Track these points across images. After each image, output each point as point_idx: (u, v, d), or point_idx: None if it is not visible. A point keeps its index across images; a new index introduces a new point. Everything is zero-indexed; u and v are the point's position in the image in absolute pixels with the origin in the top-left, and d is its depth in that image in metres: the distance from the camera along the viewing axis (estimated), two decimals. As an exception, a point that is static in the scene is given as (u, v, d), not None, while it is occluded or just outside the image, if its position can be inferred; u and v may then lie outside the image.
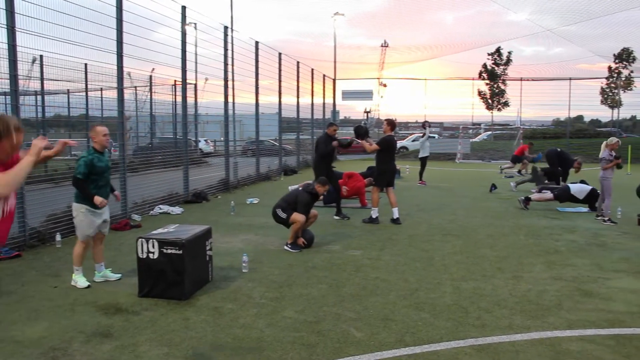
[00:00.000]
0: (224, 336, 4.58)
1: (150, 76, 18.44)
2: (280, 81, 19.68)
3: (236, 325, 4.81)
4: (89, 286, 5.92)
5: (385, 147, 9.96)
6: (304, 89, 23.60)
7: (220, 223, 9.84)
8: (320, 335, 4.61)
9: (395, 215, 10.01)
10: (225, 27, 14.76)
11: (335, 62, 29.25)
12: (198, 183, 13.60)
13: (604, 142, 10.42)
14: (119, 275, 6.27)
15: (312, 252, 7.65)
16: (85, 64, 13.40)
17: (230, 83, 15.01)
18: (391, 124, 10.28)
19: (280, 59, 19.63)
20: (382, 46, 37.19)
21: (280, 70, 19.63)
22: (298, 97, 22.35)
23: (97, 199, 5.85)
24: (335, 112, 30.87)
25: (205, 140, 28.16)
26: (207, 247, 6.08)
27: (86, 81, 14.98)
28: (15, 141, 3.18)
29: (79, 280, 5.98)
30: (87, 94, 16.26)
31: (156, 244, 5.50)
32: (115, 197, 6.44)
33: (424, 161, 17.49)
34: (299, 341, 4.48)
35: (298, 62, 22.31)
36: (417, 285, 6.11)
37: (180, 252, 5.45)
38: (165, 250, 5.48)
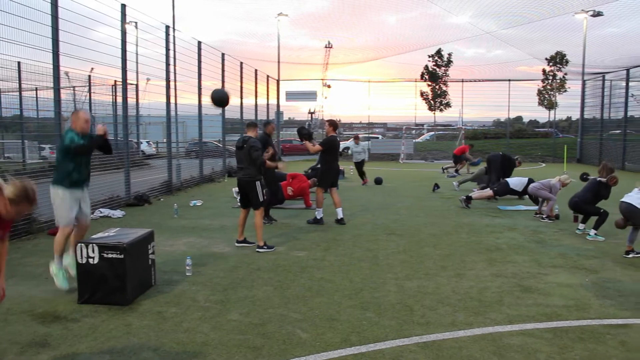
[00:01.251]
0: (168, 341, 4.49)
1: (89, 76, 17.95)
2: (223, 82, 19.47)
3: (180, 330, 4.73)
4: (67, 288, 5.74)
5: (329, 147, 10.00)
6: (248, 89, 23.49)
7: (164, 226, 9.66)
8: (266, 337, 4.58)
9: (340, 215, 10.06)
10: (167, 27, 14.50)
11: (279, 62, 29.20)
12: (140, 186, 13.31)
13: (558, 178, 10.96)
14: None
15: (257, 254, 7.60)
16: (19, 62, 12.91)
17: (172, 84, 14.76)
18: (333, 124, 10.32)
19: (223, 60, 19.45)
20: (326, 47, 37.36)
21: (223, 70, 19.45)
22: (242, 98, 22.22)
23: (100, 128, 6.09)
24: (279, 113, 30.81)
25: (147, 141, 27.62)
26: (150, 251, 5.95)
27: (20, 80, 14.45)
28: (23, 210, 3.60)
29: (59, 277, 5.81)
30: (20, 93, 15.67)
31: (96, 248, 5.33)
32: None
33: (360, 164, 17.70)
34: (245, 344, 4.44)
35: (241, 63, 22.16)
36: (362, 284, 6.16)
37: (122, 256, 5.31)
38: (105, 255, 5.32)
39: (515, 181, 12.73)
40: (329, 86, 41.86)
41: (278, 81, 29.76)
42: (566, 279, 6.53)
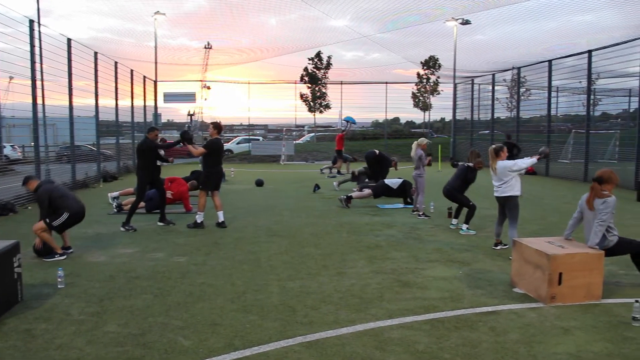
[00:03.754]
0: None
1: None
2: (96, 82, 18.63)
3: (52, 347, 4.45)
4: None
5: (212, 150, 9.86)
6: (124, 91, 22.61)
7: (32, 236, 9.03)
8: (146, 347, 4.43)
9: (221, 218, 9.96)
10: (31, 21, 13.55)
11: (156, 63, 28.30)
12: (4, 194, 12.38)
13: (415, 142, 11.39)
14: None
15: (135, 261, 7.34)
16: None
17: (39, 83, 13.84)
18: (217, 127, 10.17)
19: (96, 59, 18.60)
20: (205, 48, 36.72)
21: (96, 70, 18.59)
22: (117, 99, 21.34)
23: None
24: (156, 115, 29.90)
25: (11, 145, 25.71)
26: (15, 264, 5.54)
27: None
28: None
29: None
30: None
31: (-47, 263, 4.91)
32: None
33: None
34: (123, 356, 4.26)
35: (116, 63, 21.31)
36: (245, 287, 6.14)
37: (-17, 271, 4.92)
38: (-36, 270, 4.91)
39: (392, 181, 13.27)
40: (208, 87, 41.21)
41: (155, 82, 28.88)
42: (442, 272, 6.89)
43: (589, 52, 19.49)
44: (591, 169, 19.42)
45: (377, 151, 15.59)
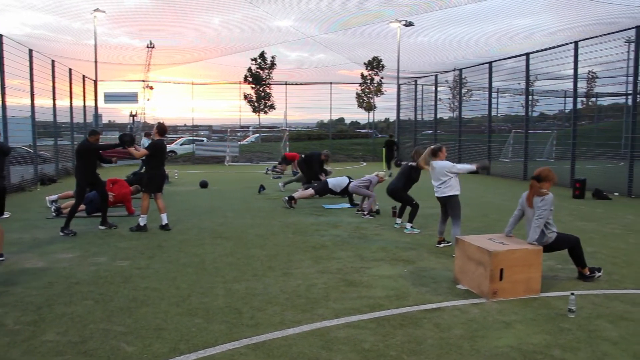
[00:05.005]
0: (-29, 371, 4.03)
1: None
2: (32, 81, 17.96)
3: (-15, 357, 4.27)
4: None
5: (155, 152, 9.67)
6: (62, 90, 21.92)
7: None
8: (87, 355, 4.29)
9: (165, 221, 9.78)
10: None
11: (96, 62, 27.58)
12: None
13: (376, 173, 11.64)
14: None
15: (76, 266, 7.11)
16: None
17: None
18: (161, 128, 9.98)
19: (31, 56, 17.93)
20: (147, 47, 35.98)
21: (31, 69, 17.92)
22: (54, 99, 20.65)
23: None
24: (97, 116, 29.12)
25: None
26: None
27: None
28: None
29: None
30: None
31: None
32: None
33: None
34: (63, 365, 4.12)
35: (53, 61, 20.64)
36: (190, 290, 6.04)
37: None
38: None
39: (335, 181, 13.36)
40: (151, 88, 40.45)
41: (95, 82, 28.14)
42: (387, 270, 6.97)
43: (527, 54, 20.13)
44: (530, 167, 20.06)
45: (302, 155, 16.12)
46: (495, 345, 4.51)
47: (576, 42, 17.45)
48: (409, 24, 29.46)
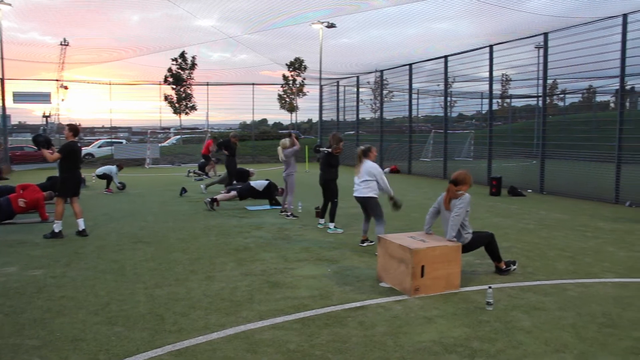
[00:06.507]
0: None
1: None
2: None
3: None
4: None
5: (68, 154, 9.26)
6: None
7: None
8: (-4, 371, 4.06)
9: (81, 226, 9.40)
10: None
11: (2, 58, 26.17)
12: None
13: (279, 147, 11.46)
14: None
15: (-16, 277, 6.72)
16: None
17: None
18: (73, 129, 9.58)
19: None
20: (61, 44, 34.44)
21: None
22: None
23: None
24: (5, 117, 27.65)
25: None
26: None
27: None
28: None
29: None
30: None
31: None
32: None
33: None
34: (-31, 383, 3.88)
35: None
36: (109, 298, 5.83)
37: None
38: None
39: (258, 184, 13.29)
40: (66, 87, 38.76)
41: (2, 80, 26.71)
42: (311, 271, 6.99)
43: (446, 57, 20.76)
44: (450, 166, 20.73)
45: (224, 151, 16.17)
46: (418, 340, 4.61)
47: (491, 46, 18.20)
48: (331, 26, 29.73)
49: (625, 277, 6.78)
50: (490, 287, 5.53)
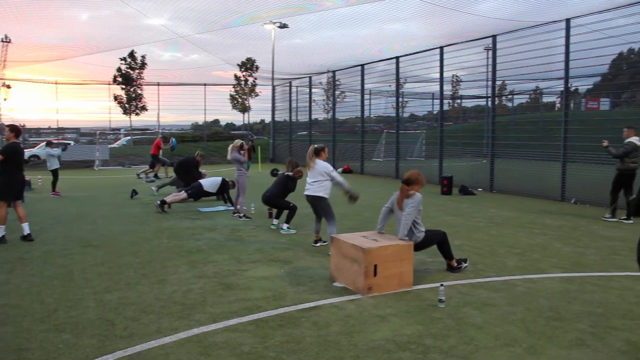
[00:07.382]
0: None
1: None
2: None
3: None
4: None
5: (10, 156, 8.94)
6: None
7: None
8: None
9: (26, 231, 9.10)
10: None
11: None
12: None
13: (230, 145, 11.40)
14: None
15: None
16: None
17: None
18: (15, 130, 9.26)
19: None
20: (2, 41, 33.31)
21: None
22: None
23: None
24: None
25: None
26: None
27: None
28: None
29: None
30: None
31: None
32: None
33: (55, 172, 16.20)
34: None
35: None
36: (56, 305, 5.66)
37: None
38: None
39: (209, 183, 13.17)
40: (8, 86, 37.51)
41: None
42: (264, 272, 6.96)
43: (397, 58, 20.99)
44: (402, 166, 20.99)
45: (174, 163, 16.49)
46: (372, 339, 4.65)
47: (441, 48, 18.50)
48: (283, 26, 29.71)
49: (570, 272, 7.00)
50: (442, 285, 5.62)
